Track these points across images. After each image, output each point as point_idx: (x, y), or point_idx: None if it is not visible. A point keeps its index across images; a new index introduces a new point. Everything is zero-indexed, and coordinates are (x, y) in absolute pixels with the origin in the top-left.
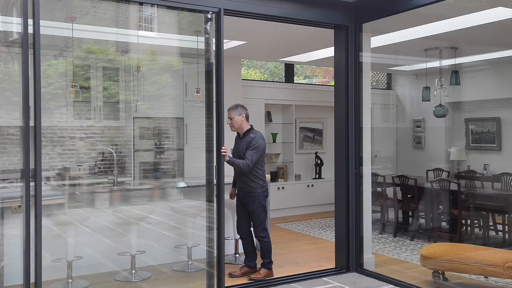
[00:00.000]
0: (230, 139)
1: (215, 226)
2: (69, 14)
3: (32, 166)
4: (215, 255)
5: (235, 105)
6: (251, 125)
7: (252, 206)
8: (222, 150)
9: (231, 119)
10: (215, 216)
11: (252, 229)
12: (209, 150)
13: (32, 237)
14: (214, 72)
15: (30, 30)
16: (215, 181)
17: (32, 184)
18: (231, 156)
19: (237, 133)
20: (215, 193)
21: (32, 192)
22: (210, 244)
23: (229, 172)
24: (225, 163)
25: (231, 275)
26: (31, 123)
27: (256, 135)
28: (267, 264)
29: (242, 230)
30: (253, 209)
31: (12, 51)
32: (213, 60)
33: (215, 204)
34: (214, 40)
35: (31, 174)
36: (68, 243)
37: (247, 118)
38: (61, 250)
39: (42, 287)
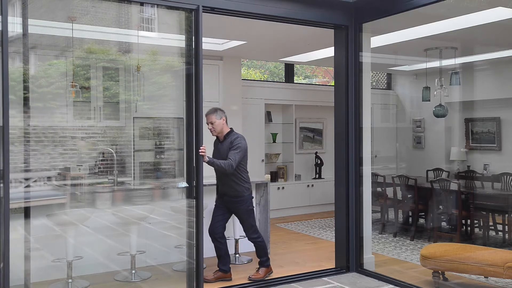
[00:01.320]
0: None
1: (194, 229)
2: (69, 14)
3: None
4: (194, 258)
5: (214, 108)
6: (231, 128)
7: (241, 211)
8: (200, 151)
9: (212, 123)
10: (194, 219)
11: (244, 232)
12: (189, 152)
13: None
14: (193, 72)
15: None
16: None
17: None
18: (211, 157)
19: (217, 137)
20: (193, 195)
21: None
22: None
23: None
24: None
25: (204, 280)
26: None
27: (238, 136)
28: (265, 262)
29: (216, 232)
30: (242, 213)
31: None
32: (192, 59)
33: (194, 207)
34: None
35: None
36: (68, 243)
37: (226, 121)
38: (61, 250)
39: (42, 287)
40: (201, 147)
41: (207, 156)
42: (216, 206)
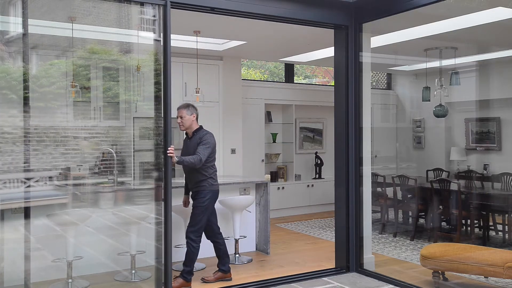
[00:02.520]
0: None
1: (163, 232)
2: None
3: None
4: (162, 262)
5: (186, 104)
6: (200, 125)
7: (195, 203)
8: (168, 151)
9: (181, 117)
10: (162, 221)
11: (219, 233)
12: (158, 151)
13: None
14: (161, 69)
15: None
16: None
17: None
18: (180, 156)
19: (186, 134)
20: (162, 197)
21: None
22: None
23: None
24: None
25: (204, 281)
26: None
27: (207, 133)
28: (186, 273)
29: (210, 234)
30: (194, 206)
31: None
32: (161, 57)
33: (162, 209)
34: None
35: None
36: (68, 243)
37: (197, 118)
38: (61, 250)
39: (42, 287)
40: (169, 148)
41: (176, 156)
42: None
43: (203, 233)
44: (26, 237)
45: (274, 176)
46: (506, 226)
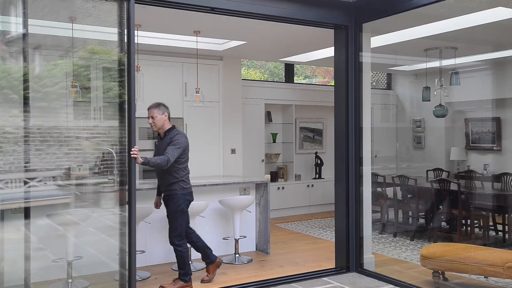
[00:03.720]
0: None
1: (126, 236)
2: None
3: None
4: (126, 267)
5: (157, 103)
6: (173, 125)
7: (169, 209)
8: (131, 153)
9: (153, 118)
10: (126, 225)
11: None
12: (122, 153)
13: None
14: (125, 68)
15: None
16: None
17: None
18: (145, 157)
19: (158, 134)
20: (126, 200)
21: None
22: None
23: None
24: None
25: (203, 281)
26: None
27: (179, 133)
28: (182, 276)
29: (187, 235)
30: (170, 211)
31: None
32: (124, 54)
33: (126, 212)
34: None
35: None
36: (68, 242)
37: (169, 117)
38: (61, 250)
39: (43, 287)
40: (133, 149)
41: (141, 157)
42: None
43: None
44: (27, 237)
45: (274, 176)
46: (506, 226)
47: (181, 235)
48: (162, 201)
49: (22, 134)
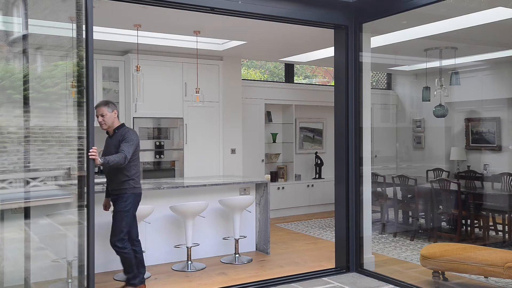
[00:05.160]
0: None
1: (85, 240)
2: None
3: None
4: (85, 273)
5: (105, 101)
6: (122, 123)
7: (116, 208)
8: (90, 154)
9: (102, 116)
10: (85, 229)
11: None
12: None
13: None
14: (84, 65)
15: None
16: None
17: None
18: (104, 157)
19: (107, 133)
20: (85, 203)
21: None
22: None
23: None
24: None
25: None
26: None
27: (129, 130)
28: (132, 279)
29: (131, 237)
30: (117, 211)
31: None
32: (83, 51)
33: (85, 216)
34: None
35: None
36: (68, 243)
37: (118, 115)
38: (61, 250)
39: (43, 287)
40: (91, 150)
41: (100, 158)
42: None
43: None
44: (27, 237)
45: (274, 176)
46: (506, 226)
47: (124, 238)
48: (111, 202)
49: (25, 134)
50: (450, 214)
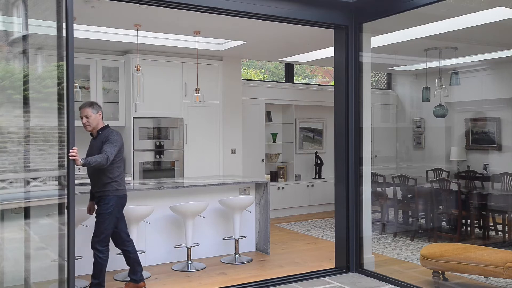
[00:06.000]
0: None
1: (66, 243)
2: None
3: None
4: (65, 276)
5: (90, 102)
6: (107, 124)
7: (98, 210)
8: (70, 154)
9: (87, 117)
10: (65, 231)
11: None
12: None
13: None
14: (64, 64)
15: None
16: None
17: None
18: (84, 158)
19: (91, 134)
20: (65, 205)
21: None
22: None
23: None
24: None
25: None
26: None
27: (113, 132)
28: (95, 286)
29: (119, 242)
30: (99, 213)
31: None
32: (63, 50)
33: (65, 218)
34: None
35: None
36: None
37: (102, 117)
38: (61, 250)
39: (43, 287)
40: (71, 150)
41: (80, 158)
42: None
43: (112, 240)
44: (27, 237)
45: (274, 176)
46: (506, 226)
47: (105, 241)
48: (96, 205)
49: (25, 134)
50: (450, 214)
